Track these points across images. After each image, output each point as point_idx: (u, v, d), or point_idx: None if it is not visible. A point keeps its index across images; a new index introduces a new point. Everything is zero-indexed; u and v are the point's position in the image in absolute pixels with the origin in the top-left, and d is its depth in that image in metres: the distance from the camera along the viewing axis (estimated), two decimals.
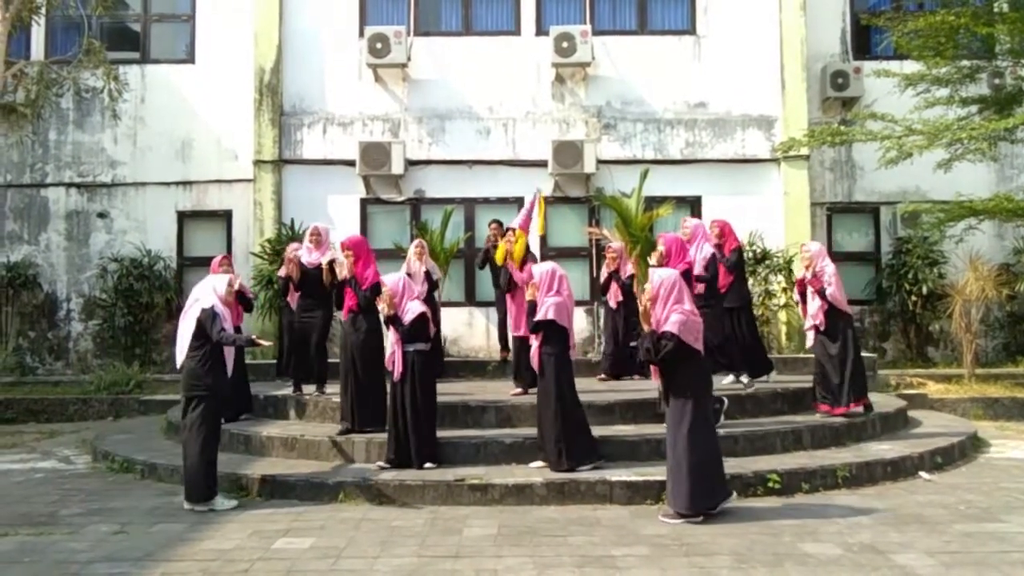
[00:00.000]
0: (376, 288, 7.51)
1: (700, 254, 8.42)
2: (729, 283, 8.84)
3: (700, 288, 8.18)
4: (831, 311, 8.15)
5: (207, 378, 6.42)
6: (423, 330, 7.16)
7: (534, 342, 7.00)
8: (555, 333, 6.87)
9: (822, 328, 8.20)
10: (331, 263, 8.47)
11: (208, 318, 6.39)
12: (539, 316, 6.85)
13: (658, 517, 6.04)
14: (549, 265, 7.21)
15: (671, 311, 5.93)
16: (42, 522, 6.21)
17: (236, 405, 8.54)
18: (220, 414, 6.51)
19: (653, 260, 7.84)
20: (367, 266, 8.00)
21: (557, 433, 6.82)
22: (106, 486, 7.41)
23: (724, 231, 9.11)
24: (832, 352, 8.17)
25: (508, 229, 9.30)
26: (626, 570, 5.00)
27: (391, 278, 7.31)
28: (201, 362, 6.43)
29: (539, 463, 7.02)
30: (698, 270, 8.30)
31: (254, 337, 6.72)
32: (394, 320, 7.07)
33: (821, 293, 8.11)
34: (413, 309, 7.11)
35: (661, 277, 6.10)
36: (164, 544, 5.63)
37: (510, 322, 9.04)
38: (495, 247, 10.57)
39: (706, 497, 5.97)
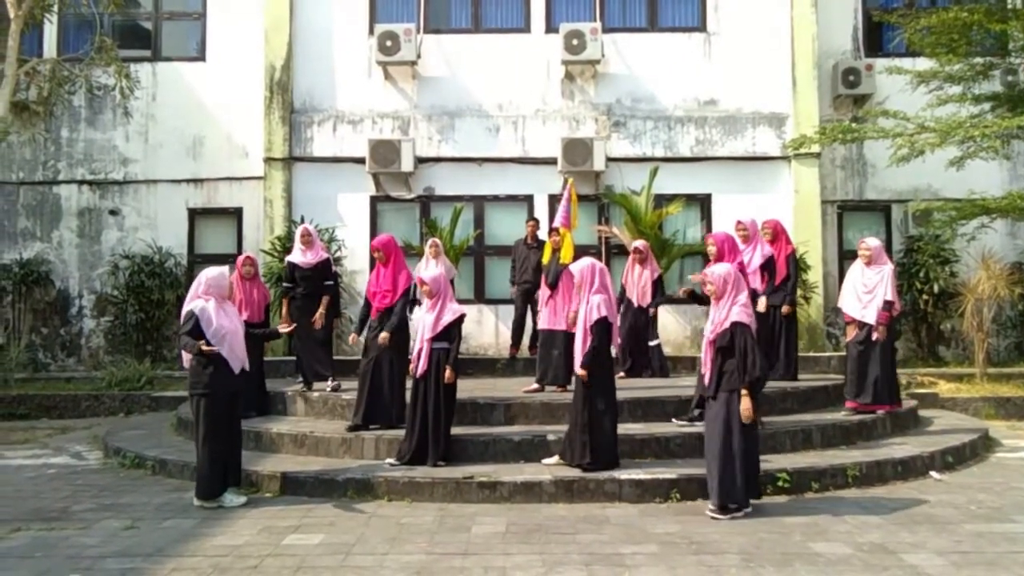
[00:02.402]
0: (409, 293, 7.51)
1: (760, 252, 8.66)
2: (781, 281, 8.92)
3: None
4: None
5: (204, 376, 6.44)
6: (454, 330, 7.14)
7: (579, 343, 6.85)
8: (602, 330, 6.76)
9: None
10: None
11: (186, 318, 6.47)
12: (594, 316, 6.70)
13: (706, 513, 5.99)
14: (588, 261, 7.04)
15: (734, 303, 5.99)
16: (54, 517, 6.26)
17: (253, 403, 8.57)
18: (222, 412, 6.46)
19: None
20: (398, 268, 7.95)
21: (606, 431, 6.76)
22: (117, 482, 7.45)
23: (777, 231, 9.10)
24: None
25: (552, 229, 9.33)
26: (634, 568, 5.00)
27: (431, 274, 7.28)
28: (199, 361, 6.47)
29: (554, 459, 6.96)
30: (753, 268, 8.54)
31: (201, 346, 6.38)
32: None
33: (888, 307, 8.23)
34: (455, 310, 7.11)
35: (719, 273, 6.11)
36: (175, 539, 5.67)
37: (545, 316, 8.80)
38: (527, 243, 10.63)
39: (757, 485, 6.07)
